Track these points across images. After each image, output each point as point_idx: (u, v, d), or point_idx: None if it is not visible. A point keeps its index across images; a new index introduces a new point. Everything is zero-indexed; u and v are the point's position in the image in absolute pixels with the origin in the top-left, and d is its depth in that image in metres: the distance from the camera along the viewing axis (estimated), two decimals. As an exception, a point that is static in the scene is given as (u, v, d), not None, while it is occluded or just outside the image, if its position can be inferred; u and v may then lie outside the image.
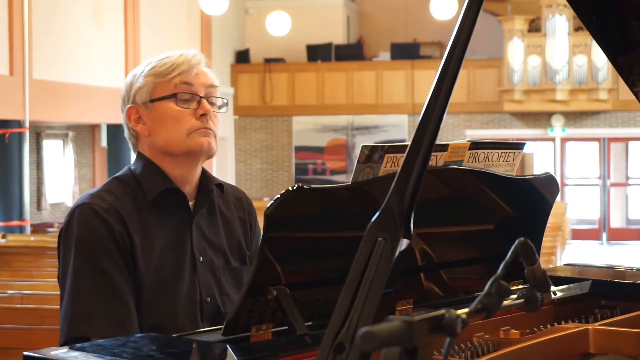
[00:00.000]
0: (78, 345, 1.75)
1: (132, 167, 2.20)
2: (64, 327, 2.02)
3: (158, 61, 2.17)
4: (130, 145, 2.24)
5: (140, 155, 2.20)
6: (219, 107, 2.20)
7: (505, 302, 1.28)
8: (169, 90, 2.14)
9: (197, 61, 2.17)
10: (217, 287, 2.16)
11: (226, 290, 2.17)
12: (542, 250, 2.82)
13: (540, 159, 18.50)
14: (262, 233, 1.71)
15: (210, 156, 2.19)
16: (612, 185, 18.36)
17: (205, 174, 2.23)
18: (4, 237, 10.48)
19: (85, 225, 2.05)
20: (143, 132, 2.17)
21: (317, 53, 18.67)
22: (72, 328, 2.00)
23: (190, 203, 2.18)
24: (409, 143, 1.34)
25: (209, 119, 2.15)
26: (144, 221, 2.10)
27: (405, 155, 1.32)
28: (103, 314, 2.00)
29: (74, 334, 1.99)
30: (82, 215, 2.06)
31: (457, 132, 18.20)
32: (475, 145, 2.00)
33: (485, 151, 2.02)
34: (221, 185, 2.26)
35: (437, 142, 1.45)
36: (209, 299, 2.13)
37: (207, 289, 2.14)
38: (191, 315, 2.09)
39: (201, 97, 2.15)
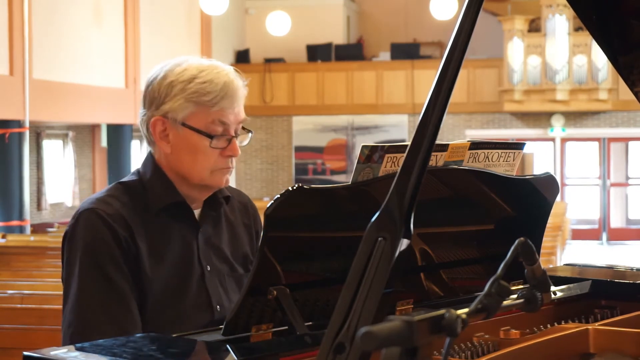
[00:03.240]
0: (78, 345, 1.75)
1: (141, 171, 2.15)
2: (67, 333, 2.00)
3: (201, 84, 2.07)
4: (146, 142, 2.18)
5: (152, 159, 2.15)
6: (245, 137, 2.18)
7: (505, 302, 1.28)
8: (205, 126, 2.07)
9: (240, 95, 2.11)
10: (224, 295, 2.14)
11: (232, 297, 2.15)
12: (542, 250, 2.81)
13: (540, 159, 18.49)
14: (262, 233, 1.71)
15: None
16: (612, 185, 18.36)
17: None
18: (4, 237, 10.48)
19: (91, 231, 2.02)
20: (165, 149, 2.11)
21: (317, 53, 18.67)
22: (75, 336, 1.97)
23: (197, 211, 2.16)
24: (409, 143, 1.34)
25: (234, 158, 2.14)
26: (150, 229, 2.07)
27: (405, 155, 1.32)
28: (107, 323, 1.98)
29: (77, 342, 1.96)
30: (87, 221, 2.03)
31: (457, 132, 18.19)
32: (475, 145, 1.99)
33: (485, 151, 2.02)
34: (228, 197, 2.23)
35: (437, 142, 1.45)
36: (218, 307, 2.11)
37: (217, 297, 2.12)
38: (198, 325, 2.04)
39: (232, 137, 2.11)
